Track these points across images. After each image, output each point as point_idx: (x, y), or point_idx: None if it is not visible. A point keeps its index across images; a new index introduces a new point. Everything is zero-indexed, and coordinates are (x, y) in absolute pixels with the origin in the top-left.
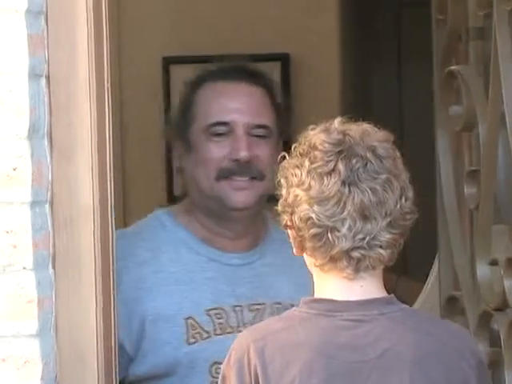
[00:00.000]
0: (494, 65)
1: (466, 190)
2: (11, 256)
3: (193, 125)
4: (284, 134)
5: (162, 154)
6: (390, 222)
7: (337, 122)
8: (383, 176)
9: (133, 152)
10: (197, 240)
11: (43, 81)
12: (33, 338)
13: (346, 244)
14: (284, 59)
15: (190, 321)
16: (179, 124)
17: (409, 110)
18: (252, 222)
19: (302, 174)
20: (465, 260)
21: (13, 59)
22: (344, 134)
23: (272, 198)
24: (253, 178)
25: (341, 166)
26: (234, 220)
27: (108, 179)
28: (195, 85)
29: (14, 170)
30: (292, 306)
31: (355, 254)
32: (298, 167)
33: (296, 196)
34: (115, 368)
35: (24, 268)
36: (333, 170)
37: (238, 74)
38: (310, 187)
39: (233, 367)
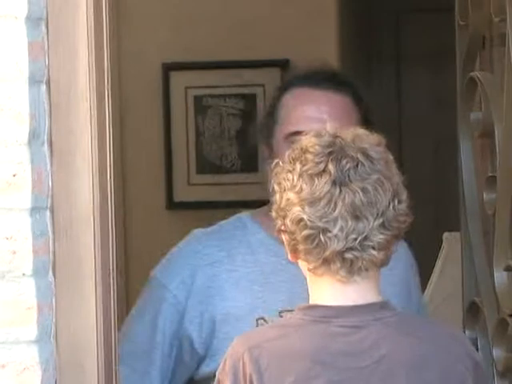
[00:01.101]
0: (509, 71)
1: (484, 196)
2: (11, 262)
3: (275, 130)
4: None
5: (162, 161)
6: (383, 222)
7: (329, 127)
8: (374, 177)
9: (133, 158)
10: (276, 242)
11: (43, 87)
12: (32, 344)
13: (338, 245)
14: (284, 65)
15: (260, 321)
16: (264, 127)
17: (408, 112)
18: None
19: (293, 178)
20: (485, 265)
21: (13, 65)
22: (335, 136)
23: None
24: None
25: (331, 167)
26: None
27: (108, 185)
28: (282, 89)
29: (14, 176)
30: None
31: (348, 255)
32: (290, 172)
33: (288, 199)
34: (115, 375)
35: (24, 274)
36: (323, 170)
37: (324, 81)
38: (301, 189)
39: (228, 373)
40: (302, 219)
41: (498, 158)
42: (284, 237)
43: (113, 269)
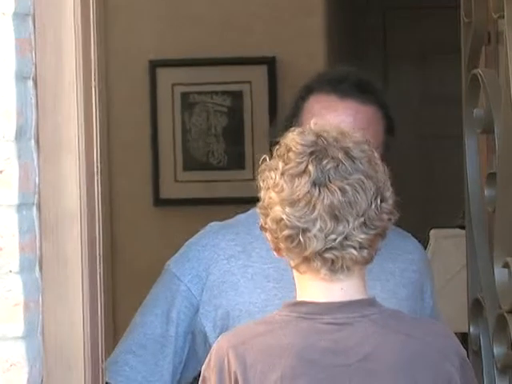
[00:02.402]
0: (507, 68)
1: (485, 193)
2: None
3: None
4: (390, 148)
5: (149, 157)
6: (364, 222)
7: (313, 124)
8: (355, 176)
9: (119, 155)
10: None
11: (30, 83)
12: (19, 341)
13: (317, 245)
14: (270, 62)
15: None
16: (285, 128)
17: (395, 111)
18: None
19: (276, 177)
20: (488, 262)
21: (0, 62)
22: (318, 135)
23: None
24: None
25: (311, 168)
26: None
27: (95, 182)
28: (304, 93)
29: (1, 172)
30: None
31: (328, 255)
32: (273, 170)
33: (270, 198)
34: (102, 372)
35: (10, 271)
36: (303, 171)
37: (347, 88)
38: (282, 189)
39: (213, 370)
40: (281, 219)
41: (497, 155)
42: (267, 234)
43: (99, 265)
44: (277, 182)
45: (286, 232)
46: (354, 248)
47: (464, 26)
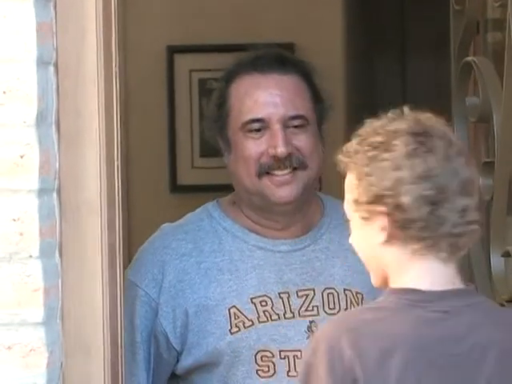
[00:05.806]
0: (508, 56)
1: (481, 182)
2: (18, 244)
3: (228, 121)
4: (325, 118)
5: (166, 144)
6: (476, 202)
7: (406, 110)
8: (465, 154)
9: (137, 141)
10: (243, 229)
11: (51, 69)
12: (39, 326)
13: (445, 226)
14: (289, 49)
15: (233, 310)
16: (216, 119)
17: (413, 97)
18: (300, 211)
19: (394, 158)
20: (480, 252)
21: (21, 47)
22: (420, 122)
23: None
24: (295, 169)
25: (437, 144)
26: (279, 213)
27: (115, 168)
28: (227, 78)
29: (22, 157)
30: (345, 291)
31: (455, 231)
32: (386, 151)
33: (396, 179)
34: (121, 357)
35: (30, 256)
36: (430, 150)
37: (270, 65)
38: (413, 165)
39: (323, 357)
40: (421, 196)
41: (495, 144)
42: (382, 221)
43: (119, 251)
44: (398, 163)
45: (424, 209)
46: (475, 224)
47: (454, 14)
